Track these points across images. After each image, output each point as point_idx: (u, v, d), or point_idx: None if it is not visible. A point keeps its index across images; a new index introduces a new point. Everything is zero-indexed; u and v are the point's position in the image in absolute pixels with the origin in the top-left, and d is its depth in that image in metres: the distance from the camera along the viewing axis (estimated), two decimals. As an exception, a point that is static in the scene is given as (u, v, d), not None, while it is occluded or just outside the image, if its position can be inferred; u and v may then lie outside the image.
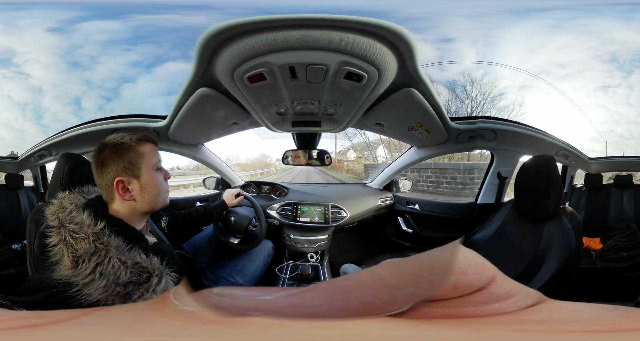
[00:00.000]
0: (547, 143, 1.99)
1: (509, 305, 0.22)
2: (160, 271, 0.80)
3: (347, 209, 2.12)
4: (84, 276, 0.72)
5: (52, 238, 0.77)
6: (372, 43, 0.91)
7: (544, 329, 0.19)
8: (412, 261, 0.21)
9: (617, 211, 2.47)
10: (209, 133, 2.00)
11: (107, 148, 0.92)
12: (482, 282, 0.22)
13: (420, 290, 0.19)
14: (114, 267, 0.74)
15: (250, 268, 1.59)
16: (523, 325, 0.20)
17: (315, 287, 0.20)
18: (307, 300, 0.19)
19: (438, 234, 2.28)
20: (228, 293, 0.20)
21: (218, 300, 0.20)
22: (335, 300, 0.19)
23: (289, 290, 0.20)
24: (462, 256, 0.22)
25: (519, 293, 0.23)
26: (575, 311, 0.22)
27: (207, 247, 1.67)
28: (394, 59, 1.00)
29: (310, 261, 2.03)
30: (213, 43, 0.93)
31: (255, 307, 0.19)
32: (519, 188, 1.46)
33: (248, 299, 0.20)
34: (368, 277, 0.20)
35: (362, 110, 1.42)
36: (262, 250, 1.71)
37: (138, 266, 0.77)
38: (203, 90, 1.27)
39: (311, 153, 1.94)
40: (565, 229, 1.23)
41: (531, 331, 0.19)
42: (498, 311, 0.21)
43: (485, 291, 0.22)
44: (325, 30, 0.87)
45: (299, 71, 1.04)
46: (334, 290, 0.20)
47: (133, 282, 0.75)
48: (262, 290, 0.21)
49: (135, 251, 0.80)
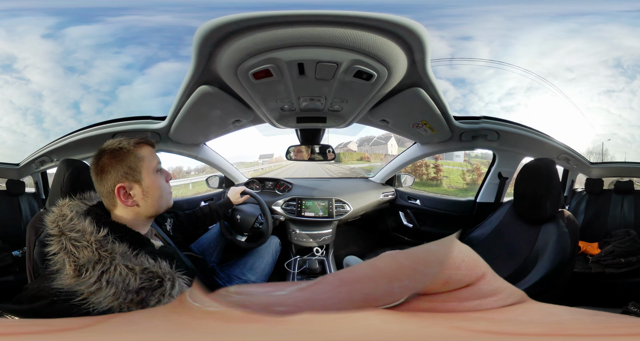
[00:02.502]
0: (549, 146, 1.99)
1: (490, 302, 0.22)
2: (172, 275, 0.79)
3: (351, 203, 2.13)
4: (89, 284, 0.70)
5: (52, 247, 0.75)
6: (385, 42, 0.90)
7: (497, 329, 0.19)
8: (409, 253, 0.21)
9: (616, 217, 2.45)
10: (211, 132, 2.00)
11: (106, 155, 0.89)
12: (472, 278, 0.22)
13: (414, 283, 0.20)
14: (122, 274, 0.73)
15: (260, 265, 1.61)
16: (481, 323, 0.20)
17: (322, 280, 0.20)
18: (316, 293, 0.20)
19: (437, 230, 2.31)
20: (245, 290, 0.20)
21: (238, 298, 0.20)
22: (341, 292, 0.19)
23: (299, 284, 0.21)
24: (457, 252, 0.22)
25: (504, 291, 0.23)
26: (550, 314, 0.22)
27: (215, 247, 1.67)
28: (404, 59, 0.99)
29: (316, 256, 2.05)
30: (215, 37, 0.91)
31: (277, 303, 0.19)
32: (519, 189, 1.47)
33: (266, 295, 0.20)
34: (369, 269, 0.20)
35: (368, 107, 1.42)
36: (269, 246, 1.72)
37: (147, 271, 0.76)
38: (203, 88, 1.25)
39: (314, 148, 1.95)
40: (562, 232, 1.24)
41: (473, 331, 0.19)
42: (476, 308, 0.21)
43: (471, 288, 0.22)
44: (338, 28, 0.85)
45: (308, 68, 1.03)
46: (339, 282, 0.20)
47: (145, 288, 0.74)
48: (275, 285, 0.21)
49: (142, 256, 0.79)
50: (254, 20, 0.84)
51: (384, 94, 1.27)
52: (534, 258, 1.26)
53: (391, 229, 2.54)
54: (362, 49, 0.91)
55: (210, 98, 1.32)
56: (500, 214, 1.61)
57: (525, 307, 0.22)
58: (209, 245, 1.67)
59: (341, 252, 2.30)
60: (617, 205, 2.48)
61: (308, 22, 0.85)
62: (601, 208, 2.49)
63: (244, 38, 0.89)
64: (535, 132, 1.89)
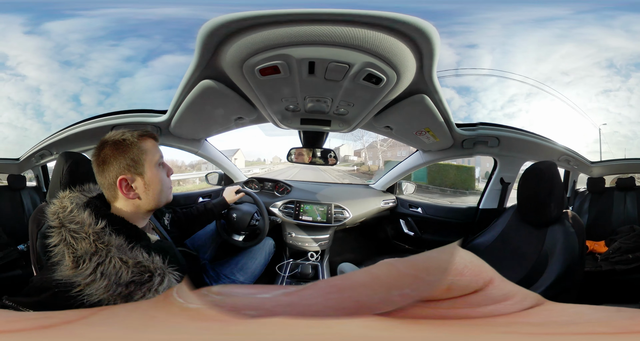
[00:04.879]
0: (548, 149, 2.01)
1: (505, 307, 0.22)
2: (163, 270, 0.79)
3: (350, 209, 2.11)
4: (85, 276, 0.71)
5: (52, 239, 0.76)
6: (399, 45, 0.88)
7: (540, 331, 0.19)
8: (409, 261, 0.20)
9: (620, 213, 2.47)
10: (212, 128, 1.97)
11: (108, 146, 0.88)
12: (479, 284, 0.22)
13: (415, 291, 0.19)
14: (115, 267, 0.73)
15: (252, 266, 1.59)
16: (516, 327, 0.20)
17: (312, 286, 0.20)
18: (304, 298, 0.19)
19: (439, 238, 2.29)
20: (227, 291, 0.20)
21: (217, 298, 0.20)
22: (331, 299, 0.19)
23: (287, 288, 0.20)
24: (459, 258, 0.21)
25: (517, 295, 0.22)
26: (577, 313, 0.22)
27: (210, 244, 1.66)
28: (414, 64, 0.98)
29: (311, 260, 2.02)
30: (223, 33, 0.89)
31: (254, 305, 0.19)
32: (522, 193, 1.48)
33: (247, 297, 0.20)
34: (364, 276, 0.20)
35: (374, 112, 1.42)
36: (263, 247, 1.70)
37: (140, 265, 0.76)
38: (206, 83, 1.23)
39: (315, 152, 1.94)
40: (568, 233, 1.24)
41: (525, 333, 0.19)
42: (492, 313, 0.21)
43: (481, 293, 0.22)
44: (354, 27, 0.83)
45: (319, 67, 1.00)
46: (330, 288, 0.19)
47: (135, 282, 0.74)
48: (261, 288, 0.21)
49: (137, 250, 0.79)
50: (268, 18, 0.82)
51: (391, 100, 1.26)
52: (543, 261, 1.26)
53: (391, 237, 2.52)
54: (376, 51, 0.90)
55: (212, 93, 1.29)
56: (504, 219, 1.61)
57: (547, 309, 0.22)
58: (204, 242, 1.65)
59: (337, 259, 2.28)
60: (620, 202, 2.50)
61: (324, 20, 0.83)
62: (604, 206, 2.51)
63: (255, 33, 0.87)
64: (534, 136, 1.91)
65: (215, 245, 1.67)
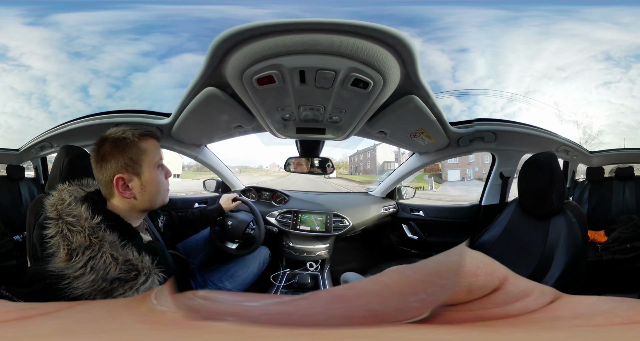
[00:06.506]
0: (547, 140, 2.02)
1: (530, 303, 0.22)
2: (149, 271, 0.79)
3: (350, 218, 2.09)
4: (75, 269, 0.71)
5: (50, 230, 0.76)
6: (379, 49, 0.92)
7: (579, 324, 0.20)
8: (418, 267, 0.20)
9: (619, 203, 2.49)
10: (212, 135, 1.97)
11: (108, 143, 0.88)
12: (495, 283, 0.22)
13: (432, 296, 0.19)
14: (105, 262, 0.74)
15: (242, 274, 1.56)
16: (556, 322, 0.20)
17: (311, 296, 0.19)
18: (300, 308, 0.19)
19: (444, 239, 2.28)
20: (213, 296, 0.20)
21: (198, 302, 0.19)
22: (336, 309, 0.18)
23: (280, 298, 0.20)
24: (470, 259, 0.21)
25: (534, 290, 0.23)
26: (592, 305, 0.22)
27: (202, 250, 1.63)
28: (397, 66, 1.01)
29: (309, 270, 1.98)
30: (227, 45, 0.93)
31: (235, 312, 0.18)
32: (522, 186, 1.48)
33: (230, 304, 0.19)
34: (372, 285, 0.20)
35: (366, 118, 1.43)
36: (257, 256, 1.68)
37: (129, 263, 0.77)
38: (210, 90, 1.26)
39: (313, 161, 1.94)
40: (571, 223, 1.24)
41: (568, 327, 0.19)
42: (523, 311, 0.21)
43: (501, 292, 0.22)
44: (337, 35, 0.88)
45: (309, 75, 1.04)
46: (333, 298, 0.19)
47: (120, 279, 0.75)
48: (251, 296, 0.20)
49: (129, 248, 0.79)
50: (262, 29, 0.87)
51: (381, 104, 1.28)
52: (549, 253, 1.25)
53: (396, 243, 2.48)
54: (359, 56, 0.93)
55: (215, 100, 1.32)
56: (507, 214, 1.61)
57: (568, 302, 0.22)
58: (196, 247, 1.63)
59: (339, 268, 2.24)
60: (619, 192, 2.52)
61: (311, 29, 0.87)
62: (604, 196, 2.54)
63: (253, 44, 0.92)
64: (531, 128, 1.92)
65: (206, 251, 1.65)
